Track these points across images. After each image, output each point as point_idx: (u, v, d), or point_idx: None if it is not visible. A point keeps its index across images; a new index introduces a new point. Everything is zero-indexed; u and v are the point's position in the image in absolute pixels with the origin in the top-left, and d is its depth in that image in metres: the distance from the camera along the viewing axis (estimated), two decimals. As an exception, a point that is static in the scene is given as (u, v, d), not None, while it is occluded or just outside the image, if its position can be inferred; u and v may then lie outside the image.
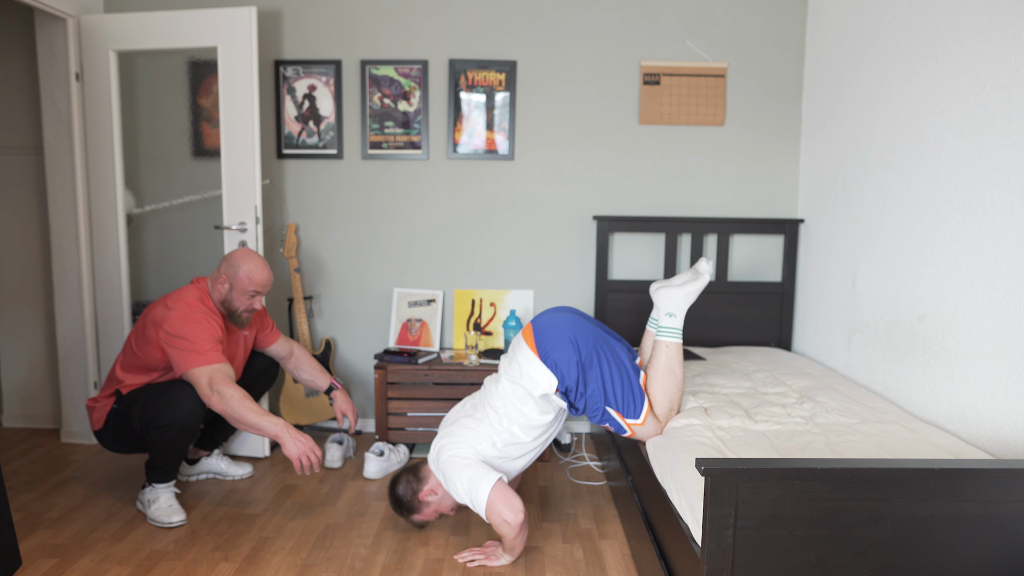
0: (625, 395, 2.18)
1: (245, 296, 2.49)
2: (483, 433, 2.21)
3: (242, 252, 2.52)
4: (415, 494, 2.27)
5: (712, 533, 1.42)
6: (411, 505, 2.29)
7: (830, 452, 1.89)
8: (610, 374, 2.17)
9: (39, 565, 2.14)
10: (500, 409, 2.22)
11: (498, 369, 2.37)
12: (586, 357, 2.15)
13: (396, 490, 2.30)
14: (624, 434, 2.23)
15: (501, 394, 2.23)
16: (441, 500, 2.29)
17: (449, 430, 2.26)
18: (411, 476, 2.30)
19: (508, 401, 2.21)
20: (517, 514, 2.06)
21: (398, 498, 2.30)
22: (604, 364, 2.17)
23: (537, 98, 3.30)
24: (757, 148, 3.32)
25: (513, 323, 3.19)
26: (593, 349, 2.17)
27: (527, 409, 2.20)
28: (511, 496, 2.08)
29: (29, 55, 3.23)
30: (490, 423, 2.22)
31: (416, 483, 2.28)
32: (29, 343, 3.40)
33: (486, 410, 2.25)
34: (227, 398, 2.25)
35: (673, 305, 2.25)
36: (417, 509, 2.29)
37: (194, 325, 2.34)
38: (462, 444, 2.20)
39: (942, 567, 1.46)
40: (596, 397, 2.16)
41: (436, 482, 2.27)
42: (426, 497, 2.27)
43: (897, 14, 2.48)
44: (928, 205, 2.28)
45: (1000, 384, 1.94)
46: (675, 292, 2.25)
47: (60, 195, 3.08)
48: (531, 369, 2.17)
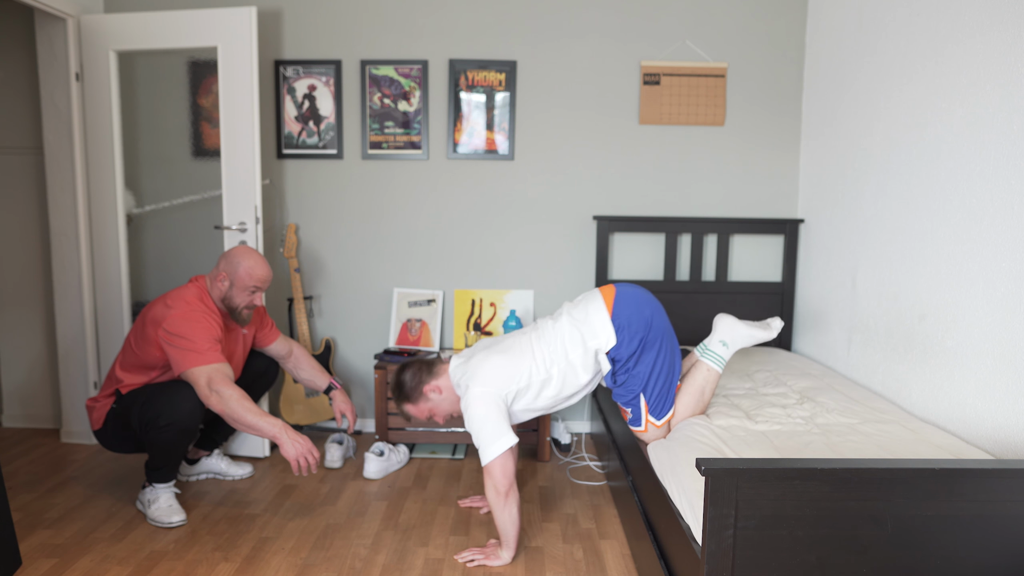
0: (662, 393, 2.19)
1: (245, 292, 2.49)
2: (522, 369, 2.16)
3: (241, 249, 2.52)
4: (420, 384, 2.26)
5: (712, 533, 1.42)
6: (411, 393, 2.27)
7: (830, 452, 1.89)
8: (661, 366, 2.19)
9: (39, 565, 2.14)
10: (551, 344, 2.20)
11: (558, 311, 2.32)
12: (651, 339, 2.17)
13: (403, 374, 2.28)
14: (637, 427, 2.23)
15: (558, 330, 2.22)
16: (440, 402, 2.27)
17: (487, 361, 2.18)
18: (423, 367, 2.29)
19: (563, 339, 2.19)
20: (506, 480, 2.08)
21: (401, 382, 2.28)
22: (661, 355, 2.19)
23: (537, 98, 3.30)
24: (757, 148, 3.32)
25: (513, 323, 3.19)
26: (660, 336, 2.19)
27: (574, 355, 2.18)
28: (510, 465, 2.10)
29: (29, 55, 3.23)
30: (534, 358, 2.18)
31: (427, 375, 2.27)
32: (29, 343, 3.40)
33: (533, 346, 2.21)
34: (226, 398, 2.25)
35: (731, 336, 2.27)
36: (414, 399, 2.28)
37: (193, 324, 2.34)
38: (497, 379, 2.14)
39: (942, 567, 1.46)
40: (638, 379, 2.18)
41: (447, 383, 2.25)
42: (429, 392, 2.26)
43: (897, 14, 2.48)
44: (928, 205, 2.28)
45: (1000, 384, 1.94)
46: (739, 326, 2.28)
47: (60, 195, 3.08)
48: (597, 320, 2.17)
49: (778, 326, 2.29)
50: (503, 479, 2.09)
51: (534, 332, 2.27)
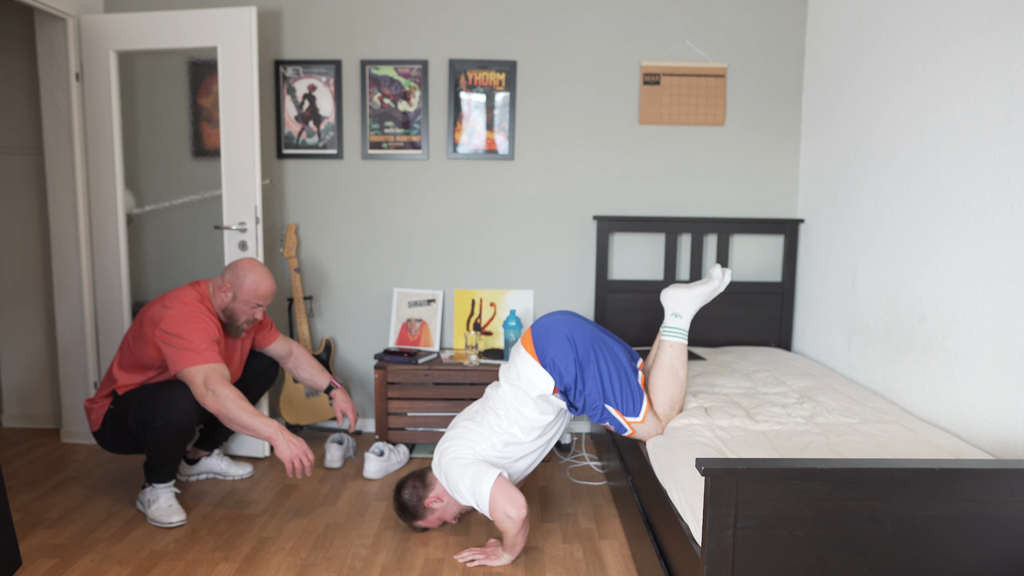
0: (624, 393, 2.19)
1: (248, 307, 2.49)
2: (482, 435, 2.22)
3: (247, 262, 2.52)
4: (420, 500, 2.28)
5: (712, 533, 1.42)
6: (416, 511, 2.29)
7: (830, 452, 1.89)
8: (607, 372, 2.18)
9: (39, 565, 2.14)
10: (500, 412, 2.24)
11: (498, 376, 2.38)
12: (583, 355, 2.17)
13: (402, 495, 2.31)
14: (625, 433, 2.23)
15: (501, 397, 2.26)
16: (446, 507, 2.29)
17: (451, 433, 2.28)
18: (417, 482, 2.31)
19: (508, 403, 2.23)
20: (520, 509, 2.06)
21: (403, 503, 2.30)
22: (602, 362, 2.19)
23: (537, 98, 3.30)
24: (757, 148, 3.32)
25: (513, 323, 3.19)
26: (590, 347, 2.19)
27: (526, 410, 2.21)
28: (513, 492, 2.08)
29: (29, 55, 3.23)
30: (489, 425, 2.23)
31: (422, 489, 2.29)
32: (29, 343, 3.40)
33: (486, 414, 2.26)
34: (222, 398, 2.25)
35: (679, 306, 2.27)
36: (421, 515, 2.30)
37: (191, 324, 2.34)
38: (462, 446, 2.21)
39: (942, 567, 1.46)
40: (595, 395, 2.17)
41: (442, 488, 2.27)
42: (431, 504, 2.28)
43: (897, 14, 2.48)
44: (928, 205, 2.28)
45: (1000, 384, 1.94)
46: (682, 293, 2.27)
47: (60, 195, 3.08)
48: (528, 371, 2.19)
49: (718, 273, 2.27)
50: (510, 506, 2.06)
51: (484, 403, 2.31)
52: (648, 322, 3.31)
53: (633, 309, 3.31)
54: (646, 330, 3.31)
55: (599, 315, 3.31)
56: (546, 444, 2.32)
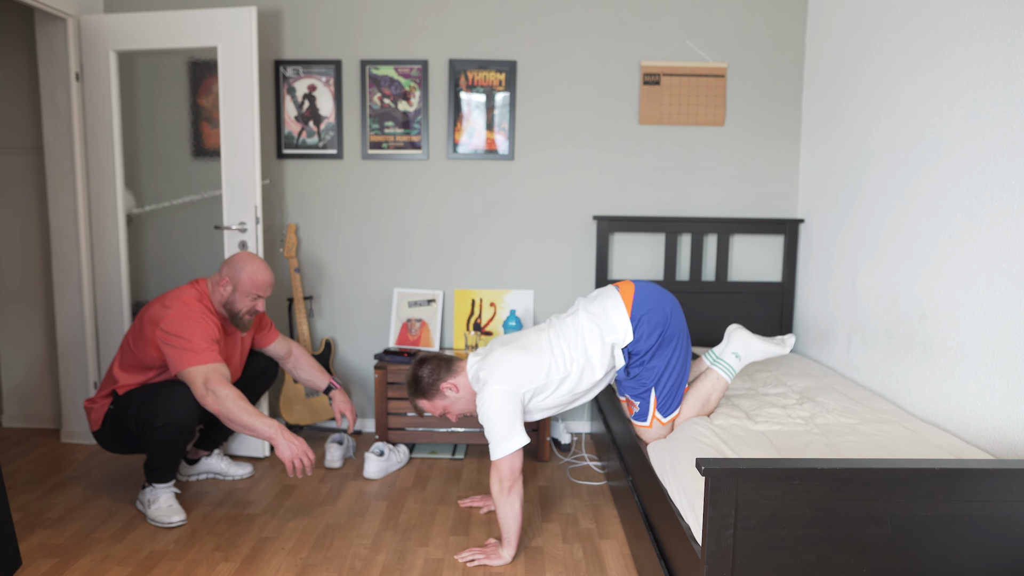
0: (672, 390, 2.20)
1: (247, 298, 2.49)
2: (541, 367, 2.16)
3: (244, 255, 2.52)
4: (438, 380, 2.25)
5: (712, 533, 1.42)
6: (427, 388, 2.26)
7: (830, 452, 1.89)
8: (675, 364, 2.20)
9: (39, 565, 2.14)
10: (569, 341, 2.20)
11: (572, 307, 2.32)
12: (669, 335, 2.18)
13: (421, 369, 2.27)
14: (642, 422, 2.23)
15: (577, 326, 2.21)
16: (456, 400, 2.27)
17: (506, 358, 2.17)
18: (442, 363, 2.28)
19: (582, 334, 2.19)
20: (512, 477, 2.12)
21: (418, 376, 2.27)
22: (676, 352, 2.20)
23: (537, 98, 3.30)
24: (757, 148, 3.32)
25: (513, 323, 3.19)
26: (677, 333, 2.20)
27: (593, 351, 2.18)
28: (518, 463, 2.12)
29: (29, 55, 3.23)
30: (553, 355, 2.18)
31: (445, 372, 2.26)
32: (29, 343, 3.40)
33: (552, 342, 2.20)
34: (222, 398, 2.25)
35: (746, 350, 2.28)
36: (430, 395, 2.27)
37: (191, 324, 2.34)
38: (516, 377, 2.14)
39: (942, 567, 1.46)
40: (652, 374, 2.18)
41: (464, 381, 2.25)
42: (446, 389, 2.25)
43: (897, 14, 2.48)
44: (928, 205, 2.28)
45: (1000, 384, 1.94)
46: (753, 340, 2.29)
47: (60, 195, 3.08)
48: (615, 315, 2.18)
49: (791, 343, 2.31)
50: (509, 474, 2.12)
51: (551, 329, 2.26)
52: (648, 322, 3.31)
53: (633, 309, 3.31)
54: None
55: (599, 315, 3.31)
56: (574, 401, 2.30)
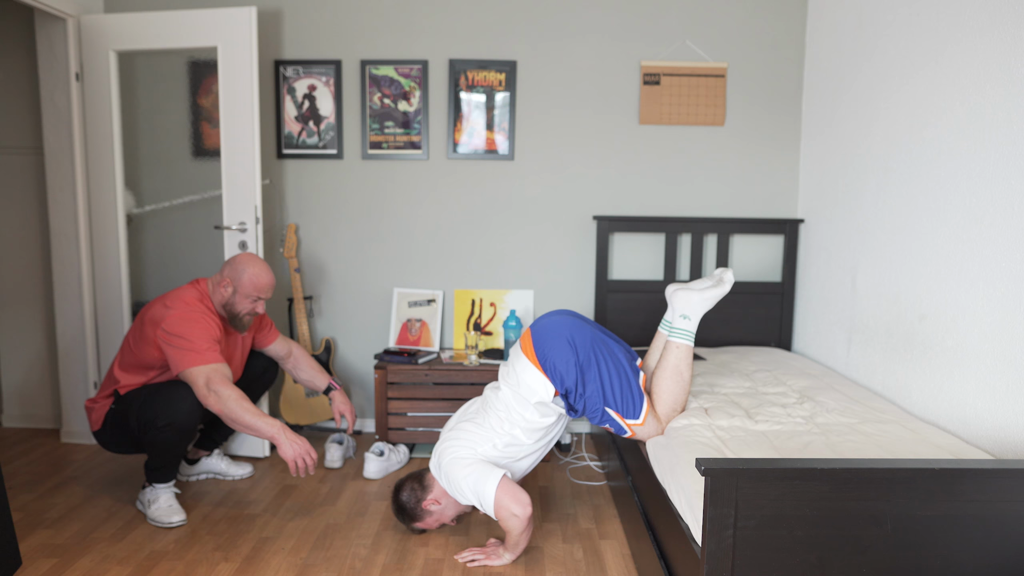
0: (624, 396, 2.18)
1: (248, 300, 2.49)
2: (484, 436, 2.22)
3: (246, 256, 2.52)
4: (419, 502, 2.28)
5: (712, 533, 1.42)
6: (414, 513, 2.29)
7: (830, 452, 1.89)
8: (608, 375, 2.18)
9: (39, 565, 2.14)
10: (502, 414, 2.23)
11: (497, 377, 2.38)
12: (584, 358, 2.16)
13: (400, 497, 2.30)
14: (624, 435, 2.23)
15: (502, 399, 2.25)
16: (444, 510, 2.29)
17: (450, 435, 2.27)
18: (416, 484, 2.30)
19: (509, 406, 2.23)
20: (525, 507, 2.07)
21: (401, 505, 2.30)
22: (602, 365, 2.18)
23: (537, 98, 3.30)
24: (757, 148, 3.32)
25: (513, 323, 3.19)
26: (591, 350, 2.18)
27: (528, 413, 2.21)
28: (517, 490, 2.09)
29: (29, 55, 3.23)
30: (491, 427, 2.23)
31: (420, 491, 2.28)
32: (29, 343, 3.40)
33: (487, 415, 2.25)
34: (224, 398, 2.25)
35: (689, 308, 2.26)
36: (420, 517, 2.30)
37: (192, 324, 2.34)
38: (463, 446, 2.20)
39: (942, 567, 1.46)
40: (595, 398, 2.17)
41: (440, 491, 2.27)
42: (429, 506, 2.27)
43: (897, 14, 2.48)
44: (928, 205, 2.28)
45: (1000, 384, 1.94)
46: (693, 295, 2.26)
47: (60, 195, 3.08)
48: (528, 377, 2.18)
49: (729, 277, 2.27)
50: (516, 505, 2.07)
51: (485, 405, 2.30)
52: (648, 322, 3.31)
53: (633, 309, 3.31)
54: (646, 330, 3.31)
55: (599, 315, 3.31)
56: (547, 444, 2.32)
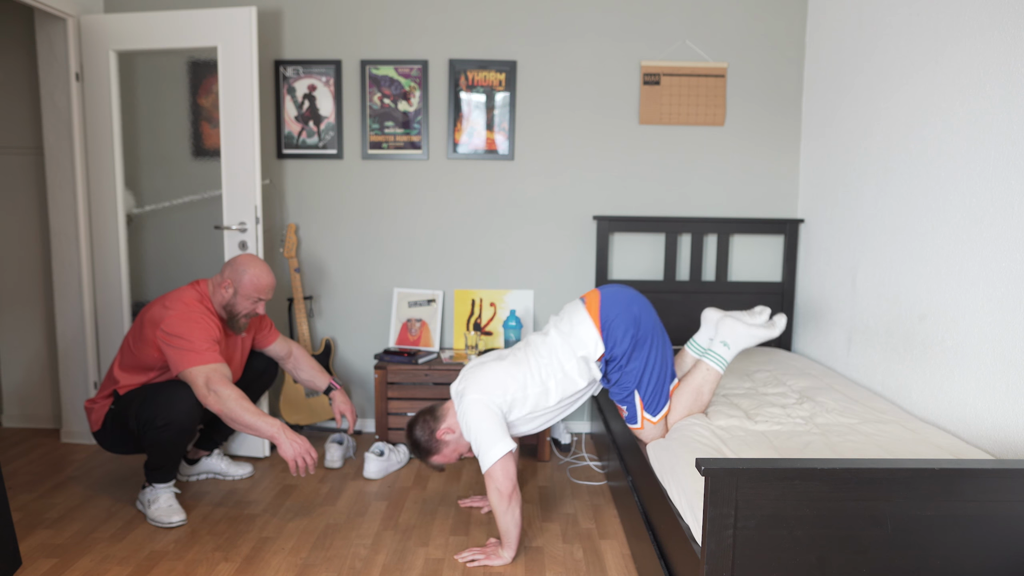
0: (656, 389, 2.19)
1: (249, 301, 2.50)
2: (517, 378, 2.18)
3: (246, 257, 2.52)
4: (432, 433, 2.25)
5: (712, 533, 1.42)
6: (429, 446, 2.27)
7: (830, 452, 1.89)
8: (653, 362, 2.18)
9: (39, 565, 2.14)
10: (544, 359, 2.21)
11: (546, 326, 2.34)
12: (642, 336, 2.17)
13: (413, 432, 2.28)
14: (634, 425, 2.22)
15: (549, 344, 2.22)
16: (459, 439, 2.27)
17: (482, 368, 2.20)
18: (428, 416, 2.28)
19: (553, 352, 2.20)
20: (512, 488, 2.10)
21: (416, 441, 2.28)
22: (653, 352, 2.19)
23: (537, 98, 3.30)
24: (757, 148, 3.32)
25: (513, 323, 3.19)
26: (650, 333, 2.19)
27: (568, 365, 2.19)
28: (512, 468, 2.11)
29: (29, 55, 3.23)
30: (529, 368, 2.19)
31: (433, 422, 2.26)
32: (29, 343, 3.40)
33: (528, 357, 2.22)
34: (224, 398, 2.25)
35: (733, 338, 2.24)
36: (436, 450, 2.28)
37: (192, 324, 2.34)
38: (492, 386, 2.16)
39: (942, 567, 1.46)
40: (632, 377, 2.17)
41: (455, 420, 2.25)
42: (443, 436, 2.25)
43: (897, 15, 2.48)
44: (928, 205, 2.28)
45: (1000, 384, 1.94)
46: (740, 327, 2.24)
47: (60, 195, 3.08)
48: (582, 331, 2.18)
49: (782, 324, 2.26)
50: (506, 481, 2.10)
51: (528, 347, 2.28)
52: (648, 322, 3.31)
53: (633, 309, 3.31)
54: (646, 330, 3.31)
55: (599, 315, 3.31)
56: (560, 412, 2.30)
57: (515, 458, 2.13)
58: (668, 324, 3.28)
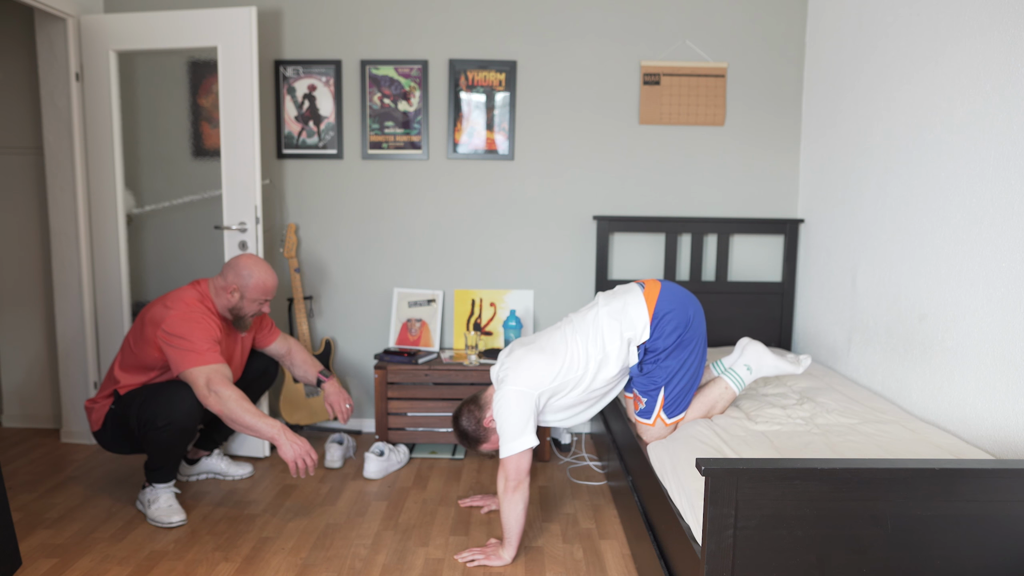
0: (682, 392, 2.19)
1: (255, 304, 2.51)
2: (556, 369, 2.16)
3: (247, 260, 2.52)
4: (479, 423, 2.26)
5: (712, 533, 1.42)
6: (477, 434, 2.28)
7: (830, 452, 1.89)
8: (689, 367, 2.19)
9: (39, 565, 2.14)
10: (588, 335, 2.19)
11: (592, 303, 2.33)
12: (688, 338, 2.17)
13: (460, 423, 2.29)
14: (646, 420, 2.22)
15: (596, 321, 2.21)
16: None
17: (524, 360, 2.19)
18: (472, 406, 2.29)
19: (600, 330, 2.19)
20: (519, 476, 2.12)
21: (463, 431, 2.29)
22: (693, 356, 2.19)
23: (537, 98, 3.30)
24: (757, 148, 3.32)
25: (513, 323, 3.19)
26: (695, 338, 2.20)
27: (611, 346, 2.17)
28: (526, 463, 2.13)
29: (29, 55, 3.23)
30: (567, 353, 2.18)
31: (478, 411, 2.27)
32: (29, 343, 3.40)
33: (567, 342, 2.20)
34: (224, 399, 2.26)
35: (757, 363, 2.29)
36: (484, 437, 2.28)
37: (193, 325, 2.34)
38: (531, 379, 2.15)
39: (942, 567, 1.46)
40: (665, 372, 2.17)
41: None
42: (490, 424, 2.26)
43: (897, 15, 2.48)
44: (928, 205, 2.28)
45: (1000, 384, 1.94)
46: (767, 357, 2.29)
47: (60, 195, 3.08)
48: (634, 312, 2.18)
49: (806, 363, 2.30)
50: (515, 473, 2.12)
51: (569, 326, 2.26)
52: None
53: (633, 309, 3.31)
54: (646, 330, 3.31)
55: (599, 315, 3.31)
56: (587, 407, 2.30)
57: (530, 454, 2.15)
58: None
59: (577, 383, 2.19)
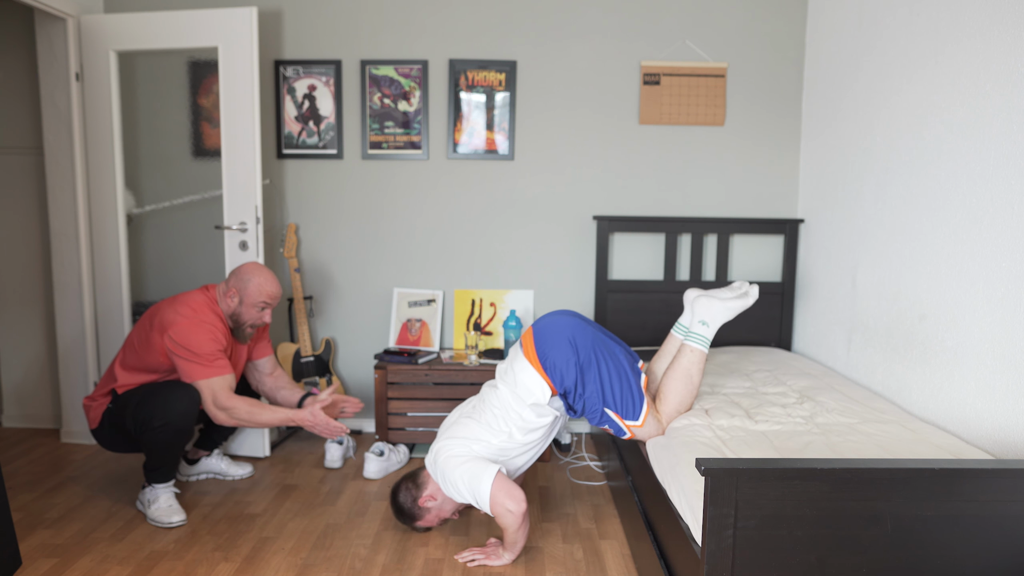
0: (624, 397, 2.18)
1: (254, 309, 2.51)
2: (480, 433, 2.21)
3: (251, 266, 2.54)
4: (415, 501, 2.28)
5: (712, 533, 1.42)
6: (412, 512, 2.29)
7: (830, 452, 1.89)
8: (608, 376, 2.18)
9: (39, 565, 2.14)
10: (498, 412, 2.23)
11: (495, 375, 2.37)
12: (584, 359, 2.16)
13: (397, 498, 2.31)
14: (623, 436, 2.23)
15: (500, 398, 2.24)
16: (441, 505, 2.29)
17: (446, 432, 2.27)
18: (410, 483, 2.31)
19: (506, 405, 2.22)
20: (520, 503, 2.07)
21: (399, 507, 2.31)
22: (603, 366, 2.18)
23: (537, 98, 3.30)
24: (757, 148, 3.32)
25: (513, 323, 3.19)
26: (592, 351, 2.18)
27: (524, 413, 2.20)
28: (512, 486, 2.09)
29: (29, 55, 3.23)
30: (487, 424, 2.23)
31: (415, 489, 2.29)
32: (29, 343, 3.40)
33: (484, 413, 2.25)
34: (233, 412, 2.35)
35: (710, 316, 2.29)
36: (419, 516, 2.30)
37: (199, 334, 2.36)
38: (459, 444, 2.21)
39: (942, 567, 1.46)
40: (594, 399, 2.17)
41: (435, 487, 2.27)
42: (426, 503, 2.27)
43: (897, 15, 2.48)
44: (928, 205, 2.28)
45: (1000, 384, 1.94)
46: (715, 303, 2.29)
47: (60, 195, 3.08)
48: (525, 378, 2.18)
49: (755, 293, 2.31)
50: (509, 501, 2.07)
51: (481, 404, 2.29)
52: (648, 322, 3.31)
53: (633, 309, 3.31)
54: (646, 330, 3.31)
55: (599, 315, 3.31)
56: (543, 443, 2.32)
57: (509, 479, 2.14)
58: (668, 324, 3.28)
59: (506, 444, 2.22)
